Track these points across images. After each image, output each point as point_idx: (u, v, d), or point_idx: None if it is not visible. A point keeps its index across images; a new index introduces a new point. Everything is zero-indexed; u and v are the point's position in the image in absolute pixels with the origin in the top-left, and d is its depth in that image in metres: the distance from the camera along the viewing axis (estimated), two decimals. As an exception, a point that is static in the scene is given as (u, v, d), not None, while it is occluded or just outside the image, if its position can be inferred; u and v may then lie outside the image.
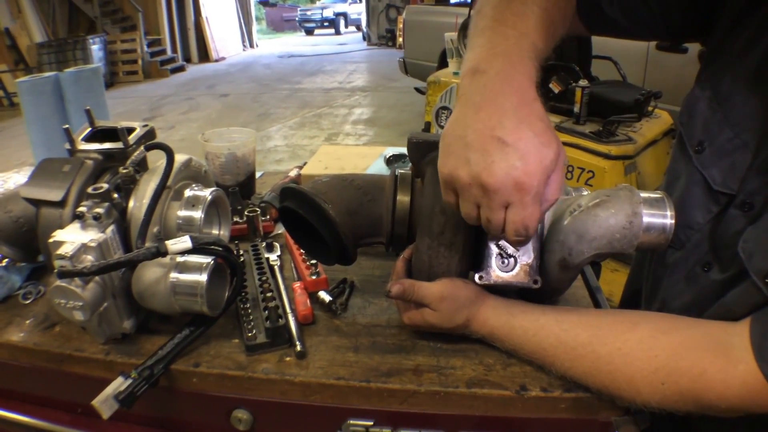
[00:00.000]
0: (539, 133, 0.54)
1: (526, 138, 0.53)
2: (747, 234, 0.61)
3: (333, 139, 6.19)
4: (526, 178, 0.53)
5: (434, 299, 0.69)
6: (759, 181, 0.62)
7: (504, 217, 0.56)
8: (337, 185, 0.75)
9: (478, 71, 0.57)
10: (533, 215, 0.55)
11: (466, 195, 0.57)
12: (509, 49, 0.58)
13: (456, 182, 0.57)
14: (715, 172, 0.66)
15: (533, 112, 0.55)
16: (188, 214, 0.79)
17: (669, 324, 0.63)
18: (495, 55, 0.58)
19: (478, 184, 0.54)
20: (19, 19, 9.05)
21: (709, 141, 0.67)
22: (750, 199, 0.63)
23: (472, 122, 0.55)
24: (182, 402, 0.77)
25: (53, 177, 0.76)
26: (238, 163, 1.18)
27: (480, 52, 0.59)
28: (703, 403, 0.59)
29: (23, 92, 1.58)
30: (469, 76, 0.58)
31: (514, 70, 0.57)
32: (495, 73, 0.56)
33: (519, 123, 0.53)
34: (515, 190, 0.53)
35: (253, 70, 11.21)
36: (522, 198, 0.54)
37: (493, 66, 0.57)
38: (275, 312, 0.77)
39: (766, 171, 0.61)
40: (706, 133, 0.68)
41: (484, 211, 0.57)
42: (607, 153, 2.36)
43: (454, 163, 0.56)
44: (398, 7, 13.34)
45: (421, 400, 0.69)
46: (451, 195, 0.59)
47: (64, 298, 0.67)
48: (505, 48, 0.58)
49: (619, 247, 0.63)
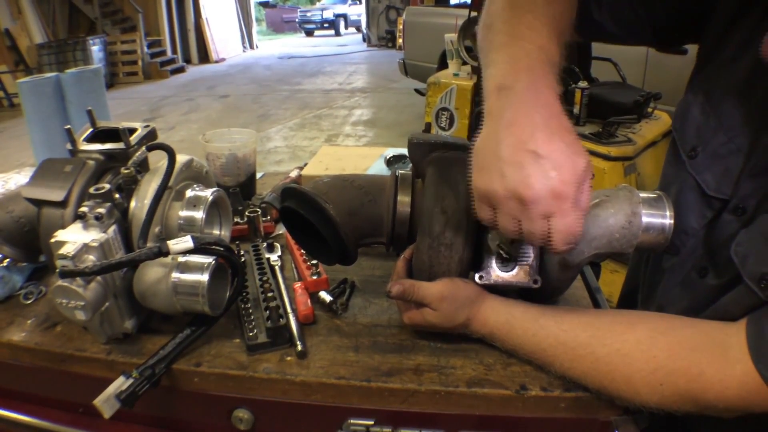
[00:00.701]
0: (570, 143, 0.55)
1: (559, 149, 0.54)
2: (740, 237, 0.61)
3: (333, 140, 6.19)
4: (563, 187, 0.53)
5: (434, 299, 0.70)
6: (751, 185, 0.62)
7: (548, 228, 0.56)
8: (337, 185, 0.75)
9: (504, 88, 0.58)
10: (577, 221, 0.55)
11: (505, 209, 0.57)
12: (531, 64, 0.59)
13: (493, 197, 0.57)
14: (708, 177, 0.67)
15: (562, 124, 0.56)
16: (190, 214, 0.79)
17: (667, 324, 0.63)
18: (518, 71, 0.59)
19: (516, 197, 0.54)
20: (19, 19, 9.05)
21: (703, 146, 0.68)
22: (743, 204, 0.63)
23: (504, 137, 0.55)
24: (183, 401, 0.77)
25: (55, 177, 0.77)
26: (239, 163, 1.18)
27: (503, 69, 0.60)
28: (701, 404, 0.59)
29: (24, 93, 1.59)
30: (496, 92, 0.59)
31: (540, 84, 0.58)
32: (522, 89, 0.57)
33: (551, 135, 0.54)
34: (554, 199, 0.54)
35: (253, 71, 11.21)
36: (561, 206, 0.54)
37: (519, 81, 0.58)
38: (276, 312, 0.77)
39: (757, 175, 0.61)
40: (700, 138, 0.68)
41: (525, 224, 0.56)
42: (607, 154, 2.37)
43: (489, 178, 0.56)
44: (398, 9, 13.36)
45: (421, 400, 0.70)
46: (487, 211, 0.59)
47: (66, 298, 0.67)
48: (527, 63, 0.59)
49: (618, 247, 0.64)
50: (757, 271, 0.57)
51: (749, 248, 0.59)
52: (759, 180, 0.61)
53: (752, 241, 0.59)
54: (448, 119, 3.47)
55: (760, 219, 0.59)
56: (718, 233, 0.65)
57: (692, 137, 0.70)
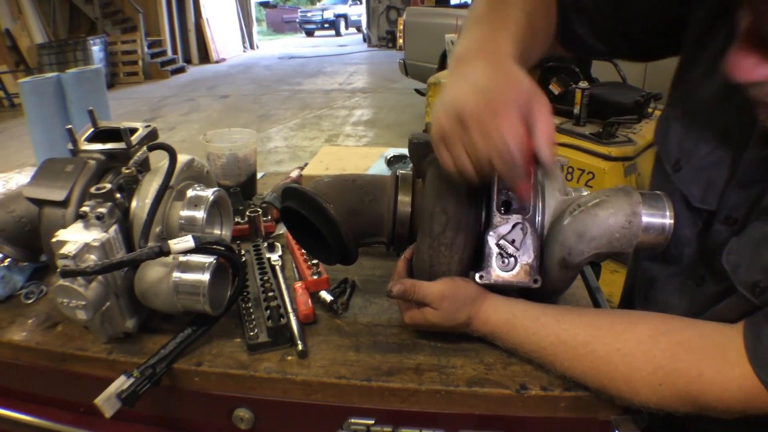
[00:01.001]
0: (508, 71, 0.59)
1: (494, 73, 0.58)
2: (731, 245, 0.61)
3: (333, 140, 6.19)
4: (497, 95, 0.56)
5: (435, 298, 0.70)
6: (739, 196, 0.63)
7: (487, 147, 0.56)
8: (338, 185, 0.75)
9: (460, 60, 0.64)
10: (512, 131, 0.55)
11: (451, 139, 0.58)
12: (484, 36, 0.65)
13: (441, 132, 0.59)
14: (694, 190, 0.67)
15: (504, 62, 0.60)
16: (191, 214, 0.79)
17: (668, 325, 0.63)
18: (471, 42, 0.65)
19: (456, 118, 0.57)
20: (20, 20, 9.06)
21: (686, 159, 0.68)
22: (733, 214, 0.64)
23: (451, 85, 0.60)
24: (184, 401, 0.77)
25: (56, 177, 0.77)
26: (240, 163, 1.18)
27: (460, 46, 0.66)
28: (700, 405, 0.59)
29: (26, 93, 1.59)
30: (454, 64, 0.64)
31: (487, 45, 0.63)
32: (470, 52, 0.63)
33: (488, 67, 0.59)
34: (488, 110, 0.55)
35: (254, 72, 11.21)
36: (496, 116, 0.55)
37: (469, 49, 0.64)
38: (277, 311, 0.77)
39: (744, 186, 0.62)
40: (682, 151, 0.69)
41: (470, 150, 0.57)
42: (607, 154, 2.36)
43: (436, 117, 0.60)
44: (398, 9, 13.36)
45: (421, 399, 0.70)
46: (445, 153, 0.61)
47: (67, 298, 0.67)
48: (480, 35, 0.65)
49: (618, 247, 0.64)
50: (749, 279, 0.58)
51: (740, 256, 0.60)
52: (747, 191, 0.62)
53: (742, 250, 0.60)
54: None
55: (750, 228, 0.60)
56: (711, 242, 0.66)
57: (675, 150, 0.70)
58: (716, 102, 0.65)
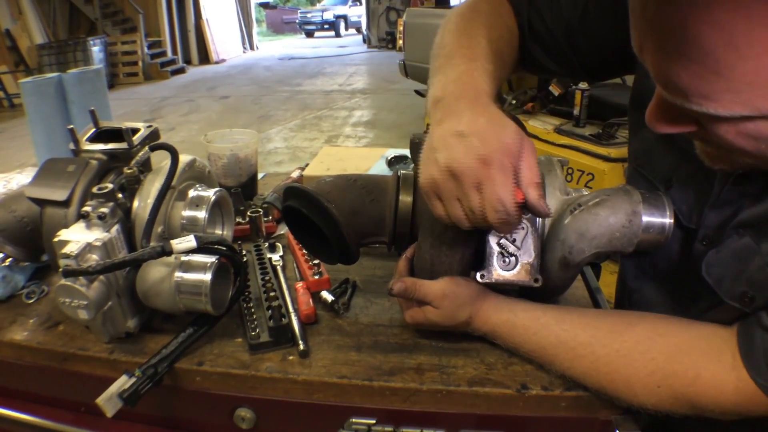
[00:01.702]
0: (494, 120, 0.58)
1: (482, 124, 0.57)
2: (709, 258, 0.62)
3: (333, 141, 6.19)
4: (488, 152, 0.55)
5: (436, 297, 0.70)
6: (716, 216, 0.64)
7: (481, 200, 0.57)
8: (340, 185, 0.76)
9: (437, 100, 0.63)
10: (505, 188, 0.56)
11: (445, 193, 0.59)
12: (460, 75, 0.64)
13: (433, 185, 0.59)
14: (684, 208, 0.68)
15: (487, 109, 0.59)
16: (192, 214, 0.80)
17: (666, 326, 0.64)
18: (449, 82, 0.64)
19: (449, 174, 0.57)
20: (20, 20, 9.06)
21: (676, 176, 0.69)
22: (709, 233, 0.65)
23: (434, 132, 0.60)
24: (186, 400, 0.77)
25: (58, 177, 0.77)
26: (241, 164, 1.19)
27: (437, 86, 0.65)
28: (697, 407, 0.60)
29: (27, 93, 1.59)
30: (432, 105, 0.64)
31: (467, 87, 0.63)
32: (450, 95, 0.62)
33: (474, 116, 0.58)
34: (481, 166, 0.55)
35: (254, 72, 11.22)
36: (489, 173, 0.55)
37: (448, 91, 0.63)
38: (278, 311, 0.77)
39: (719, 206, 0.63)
40: (672, 169, 0.69)
41: (464, 202, 0.58)
42: (607, 155, 2.37)
43: (426, 169, 0.59)
44: (398, 10, 13.38)
45: (423, 399, 0.70)
46: (437, 204, 0.61)
47: (69, 297, 0.67)
48: (456, 75, 0.64)
49: (619, 246, 0.64)
50: (735, 291, 0.58)
51: (722, 270, 0.60)
52: (721, 211, 0.63)
53: (724, 263, 0.60)
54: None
55: (728, 241, 0.61)
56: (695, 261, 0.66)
57: (664, 170, 0.71)
58: None
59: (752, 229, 0.58)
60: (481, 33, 0.71)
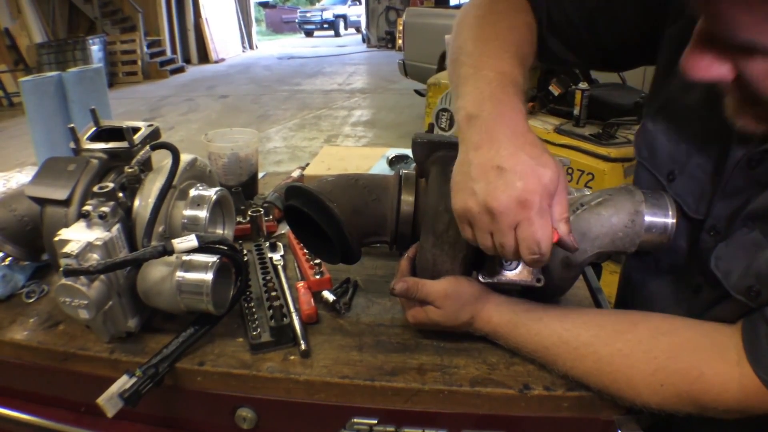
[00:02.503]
0: (535, 156, 0.57)
1: (523, 161, 0.56)
2: (718, 251, 0.62)
3: (332, 140, 6.19)
4: (528, 195, 0.55)
5: (438, 297, 0.70)
6: (724, 206, 0.63)
7: (515, 240, 0.57)
8: (342, 184, 0.75)
9: (472, 116, 0.62)
10: (543, 230, 0.56)
11: (479, 224, 0.59)
12: (494, 91, 0.63)
13: (468, 214, 0.59)
14: (689, 199, 0.67)
15: (527, 140, 0.59)
16: (193, 213, 0.79)
17: (668, 325, 0.64)
18: (483, 99, 0.63)
19: (486, 210, 0.57)
20: (19, 19, 9.04)
21: (679, 169, 0.68)
22: (717, 224, 0.64)
23: (473, 158, 0.59)
24: (187, 400, 0.77)
25: (58, 176, 0.77)
26: (241, 163, 1.18)
27: (470, 99, 0.64)
28: (701, 405, 0.59)
29: (26, 92, 1.59)
30: (466, 122, 0.62)
31: (504, 107, 0.62)
32: (488, 115, 0.61)
33: (515, 151, 0.57)
34: (520, 208, 0.55)
35: (253, 72, 11.21)
36: (528, 215, 0.56)
37: (484, 109, 0.62)
38: (279, 311, 0.77)
39: (730, 195, 0.63)
40: (675, 162, 0.69)
41: (496, 237, 0.58)
42: (607, 155, 2.37)
43: (463, 197, 0.59)
44: (398, 9, 13.37)
45: (424, 399, 0.70)
46: (468, 229, 0.61)
47: (70, 297, 0.67)
48: (490, 91, 0.63)
49: (621, 246, 0.64)
50: (742, 285, 0.58)
51: (730, 263, 0.60)
52: (731, 201, 0.62)
53: (732, 256, 0.60)
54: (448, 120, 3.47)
55: (737, 234, 0.60)
56: (701, 252, 0.66)
57: (667, 163, 0.70)
58: (701, 110, 0.65)
59: (762, 222, 0.58)
60: (506, 37, 0.70)
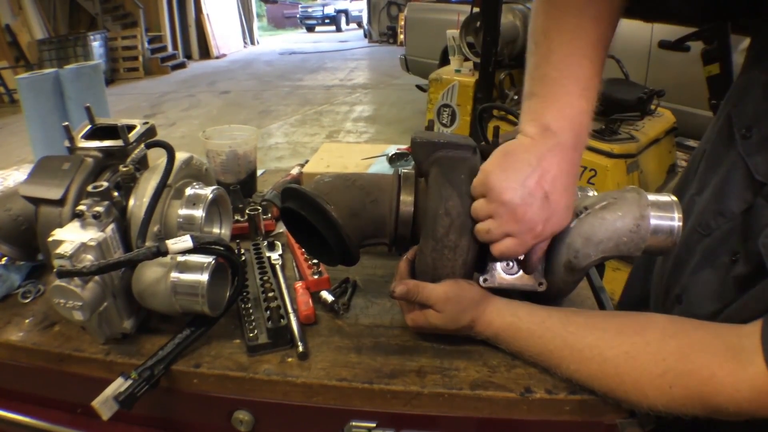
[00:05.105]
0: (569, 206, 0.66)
1: (562, 205, 0.64)
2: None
3: (334, 136, 6.18)
4: (546, 230, 0.64)
5: (439, 300, 0.69)
6: None
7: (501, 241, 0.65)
8: (339, 185, 0.74)
9: (550, 131, 0.65)
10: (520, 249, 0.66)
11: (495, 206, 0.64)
12: (575, 113, 0.65)
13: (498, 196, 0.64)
14: (759, 161, 0.65)
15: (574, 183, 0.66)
16: (189, 212, 0.78)
17: (677, 327, 0.62)
18: (564, 117, 0.65)
19: (513, 212, 0.63)
20: (20, 15, 9.03)
21: (758, 127, 0.66)
22: None
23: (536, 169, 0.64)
24: (183, 403, 0.76)
25: (52, 175, 0.76)
26: (240, 161, 1.17)
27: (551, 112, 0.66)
28: (711, 407, 0.58)
29: (23, 89, 1.58)
30: (541, 131, 0.65)
31: (579, 141, 0.66)
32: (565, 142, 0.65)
33: (564, 190, 0.64)
34: (531, 233, 0.64)
35: (254, 67, 11.18)
36: (528, 241, 0.65)
37: (561, 128, 0.65)
38: (277, 312, 0.76)
39: None
40: (756, 118, 0.67)
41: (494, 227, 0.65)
42: (610, 151, 2.35)
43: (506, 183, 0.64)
44: (399, 4, 13.30)
45: (424, 402, 0.69)
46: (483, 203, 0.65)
47: (64, 298, 0.66)
48: (571, 112, 0.65)
49: (626, 250, 0.63)
50: None
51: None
52: None
53: None
54: (450, 116, 3.45)
55: None
56: (753, 220, 0.64)
57: (749, 117, 0.68)
58: None
59: None
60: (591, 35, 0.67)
